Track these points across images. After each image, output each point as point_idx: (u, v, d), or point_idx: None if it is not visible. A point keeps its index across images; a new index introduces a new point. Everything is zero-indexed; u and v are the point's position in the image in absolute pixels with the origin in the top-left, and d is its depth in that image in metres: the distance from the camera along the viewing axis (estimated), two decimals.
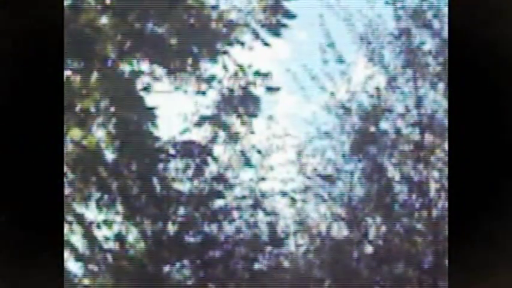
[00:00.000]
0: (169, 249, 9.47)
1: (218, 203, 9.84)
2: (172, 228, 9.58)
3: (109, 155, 9.39)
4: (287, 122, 10.33)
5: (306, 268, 10.04)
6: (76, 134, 8.99)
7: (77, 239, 9.11)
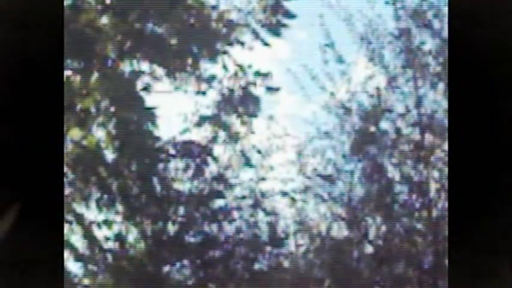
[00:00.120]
0: (170, 249, 9.45)
1: (218, 203, 9.82)
2: (172, 228, 9.57)
3: (109, 155, 9.41)
4: (287, 122, 10.28)
5: (306, 268, 10.02)
6: (76, 134, 8.99)
7: (76, 239, 9.11)
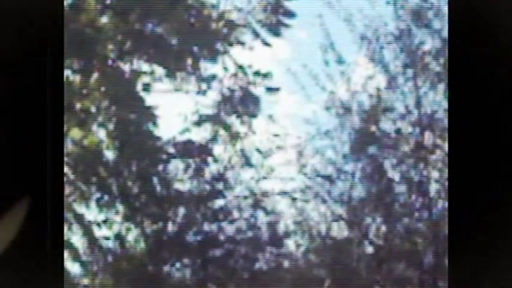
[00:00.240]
0: (170, 249, 9.44)
1: (218, 202, 9.80)
2: (172, 228, 9.56)
3: (109, 155, 9.41)
4: (287, 121, 10.25)
5: (306, 268, 10.01)
6: (76, 134, 9.00)
7: (77, 239, 9.11)
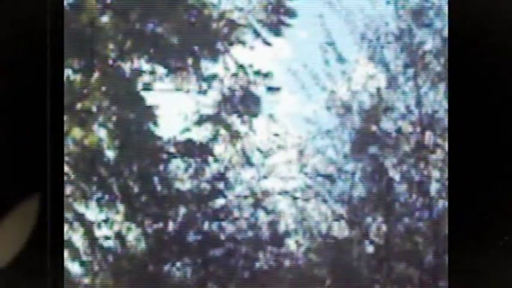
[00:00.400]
0: (170, 249, 9.42)
1: (219, 202, 9.77)
2: (173, 227, 9.53)
3: (110, 155, 9.41)
4: (288, 121, 10.21)
5: (307, 267, 9.99)
6: (77, 133, 8.99)
7: (77, 238, 9.09)
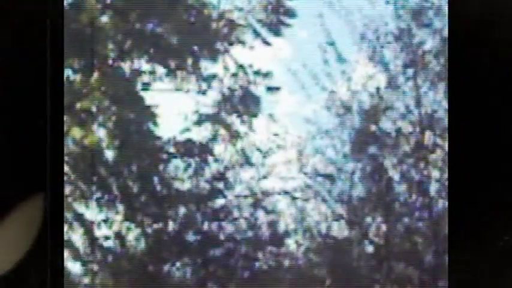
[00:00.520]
0: (170, 248, 9.41)
1: (218, 202, 9.75)
2: (172, 227, 9.52)
3: (109, 154, 9.40)
4: (288, 121, 10.20)
5: (307, 267, 9.98)
6: (76, 133, 8.97)
7: (77, 238, 9.07)
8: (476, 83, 4.63)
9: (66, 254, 9.05)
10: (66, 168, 9.02)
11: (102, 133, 9.33)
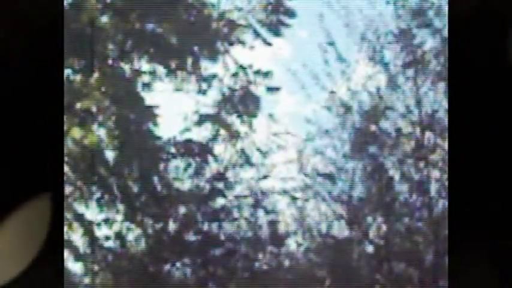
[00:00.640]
0: (170, 248, 9.37)
1: (219, 201, 9.72)
2: (172, 227, 9.48)
3: (110, 154, 9.34)
4: (288, 120, 10.17)
5: (306, 267, 9.96)
6: (77, 133, 8.90)
7: (77, 238, 9.04)
8: (476, 83, 4.60)
9: (66, 253, 9.03)
10: (66, 168, 8.97)
11: (102, 133, 9.27)
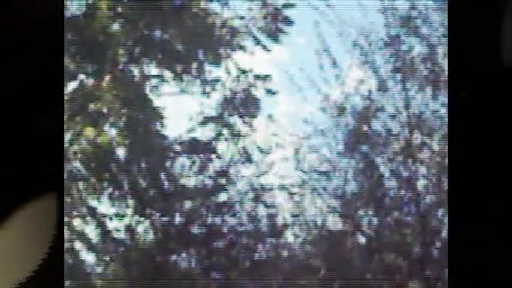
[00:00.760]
0: (176, 240, 8.93)
1: (221, 197, 9.27)
2: (179, 220, 9.05)
3: (120, 153, 8.92)
4: (286, 121, 9.74)
5: (303, 257, 9.46)
6: (90, 133, 8.51)
7: (90, 230, 8.60)
8: (476, 83, 4.03)
9: (79, 245, 8.56)
10: (79, 165, 8.53)
11: (113, 133, 8.85)
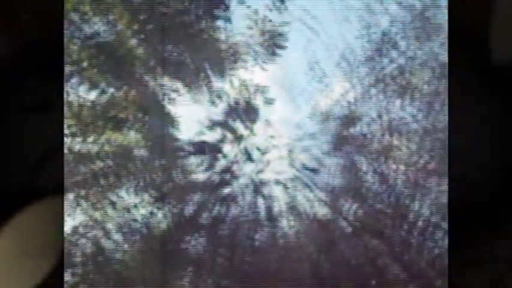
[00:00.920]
0: (187, 229, 8.14)
1: (226, 190, 8.56)
2: (189, 210, 8.28)
3: (140, 153, 8.27)
4: (281, 126, 9.00)
5: (296, 243, 8.60)
6: (116, 136, 7.90)
7: (109, 220, 7.77)
8: (476, 83, 3.10)
9: (102, 233, 7.69)
10: (102, 164, 7.75)
11: (136, 136, 8.21)
